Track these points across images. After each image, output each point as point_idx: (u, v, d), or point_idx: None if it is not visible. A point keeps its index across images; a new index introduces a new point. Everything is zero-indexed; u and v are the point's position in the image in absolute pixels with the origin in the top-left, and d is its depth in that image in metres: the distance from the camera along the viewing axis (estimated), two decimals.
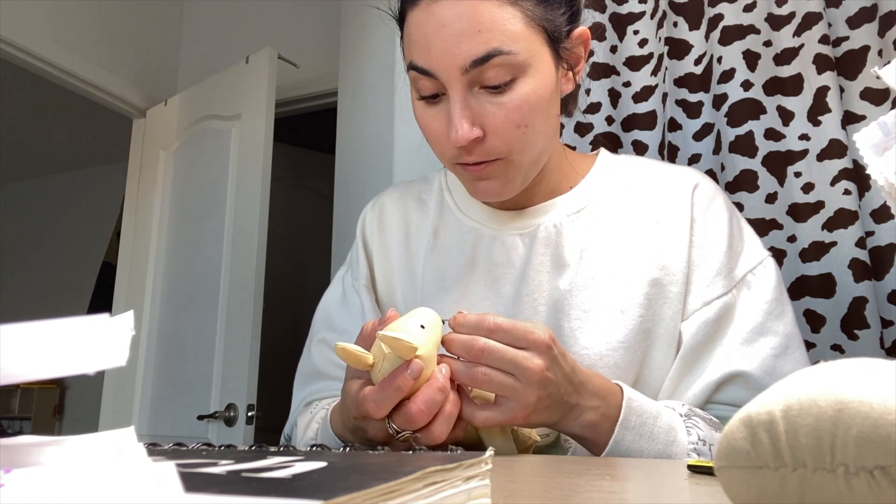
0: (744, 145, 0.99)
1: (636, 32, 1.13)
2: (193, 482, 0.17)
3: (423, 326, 0.47)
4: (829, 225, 0.93)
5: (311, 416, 0.68)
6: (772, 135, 0.99)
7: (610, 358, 0.61)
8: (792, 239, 0.96)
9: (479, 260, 0.70)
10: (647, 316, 0.63)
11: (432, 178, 0.81)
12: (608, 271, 0.65)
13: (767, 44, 1.02)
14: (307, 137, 3.20)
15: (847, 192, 0.92)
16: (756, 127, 0.99)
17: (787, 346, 0.62)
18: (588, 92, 1.12)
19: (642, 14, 1.13)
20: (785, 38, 1.00)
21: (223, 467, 0.22)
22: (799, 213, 0.96)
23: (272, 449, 0.35)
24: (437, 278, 0.71)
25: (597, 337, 0.62)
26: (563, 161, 0.72)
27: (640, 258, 0.65)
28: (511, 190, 0.65)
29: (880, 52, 0.95)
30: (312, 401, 0.72)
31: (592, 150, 0.85)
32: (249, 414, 1.97)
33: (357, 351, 0.46)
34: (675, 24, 1.09)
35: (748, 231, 0.68)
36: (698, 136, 1.06)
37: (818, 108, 0.96)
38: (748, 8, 1.03)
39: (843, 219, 0.92)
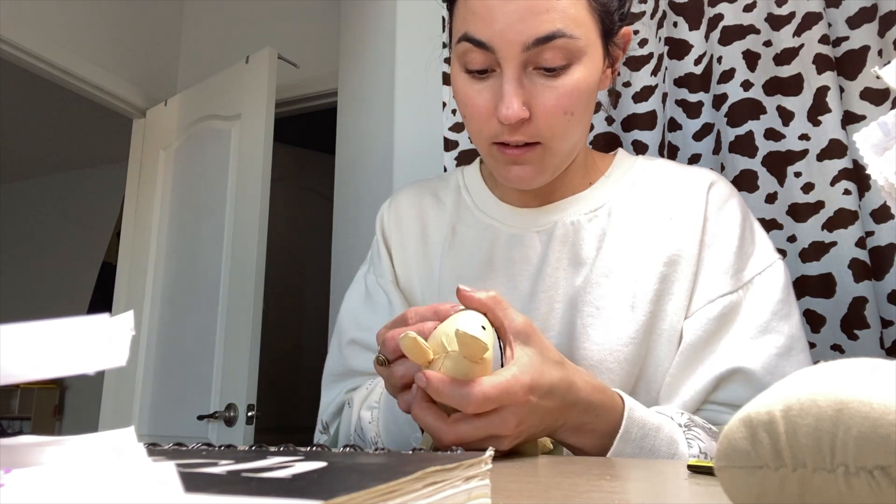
0: (744, 145, 0.99)
1: (636, 32, 1.13)
2: (193, 482, 0.17)
3: (483, 328, 0.46)
4: (829, 225, 0.93)
5: (369, 390, 0.67)
6: (772, 135, 0.99)
7: (620, 353, 0.61)
8: (792, 239, 0.96)
9: (497, 257, 0.70)
10: (654, 312, 0.63)
11: (449, 176, 0.81)
12: (622, 268, 0.65)
13: (767, 44, 1.02)
14: (307, 137, 3.20)
15: (847, 192, 0.92)
16: (756, 127, 0.99)
17: (791, 347, 0.62)
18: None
19: (642, 14, 1.13)
20: (785, 38, 1.00)
21: (223, 467, 0.22)
22: (799, 213, 0.96)
23: (272, 449, 0.35)
24: (456, 275, 0.71)
25: (607, 333, 0.62)
26: (587, 158, 0.73)
27: (652, 254, 0.65)
28: (543, 179, 0.65)
29: (880, 52, 0.95)
30: (357, 387, 0.71)
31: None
32: (249, 414, 1.97)
33: (423, 345, 0.45)
34: (675, 24, 1.09)
35: (760, 234, 0.68)
36: (698, 136, 1.06)
37: (818, 108, 0.96)
38: (748, 8, 1.03)
39: (843, 219, 0.92)
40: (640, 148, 1.09)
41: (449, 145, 1.20)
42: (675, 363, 0.63)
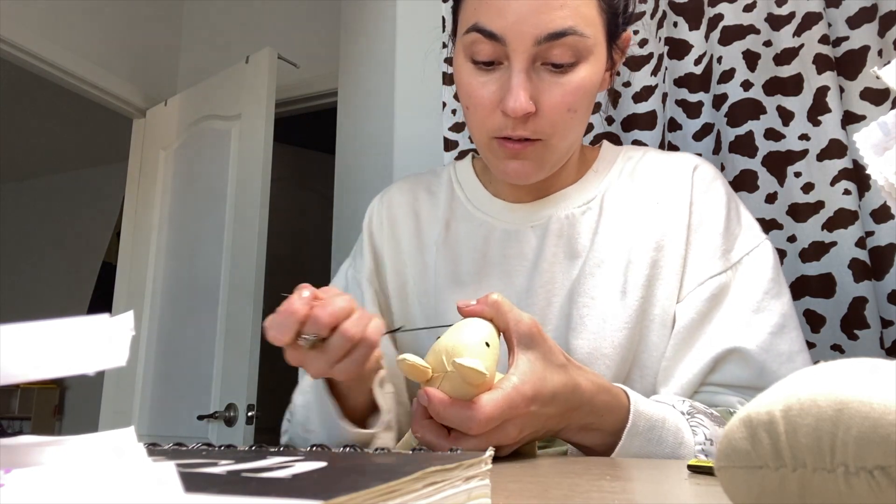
0: (744, 145, 0.99)
1: (636, 32, 1.13)
2: (193, 482, 0.17)
3: (488, 345, 0.46)
4: (829, 225, 0.93)
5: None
6: (772, 135, 0.99)
7: (614, 339, 0.62)
8: (792, 239, 0.96)
9: (492, 253, 0.70)
10: (646, 297, 0.64)
11: (440, 170, 0.81)
12: (613, 257, 0.66)
13: (767, 44, 1.02)
14: (307, 137, 3.20)
15: (847, 192, 0.92)
16: (756, 127, 0.99)
17: (784, 325, 0.62)
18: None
19: (642, 14, 1.13)
20: (785, 38, 1.00)
21: (223, 467, 0.22)
22: (799, 213, 0.96)
23: (272, 449, 0.35)
24: (451, 271, 0.71)
25: (602, 322, 0.63)
26: (580, 154, 0.74)
27: (642, 241, 0.66)
28: (540, 175, 0.66)
29: (880, 52, 0.95)
30: None
31: None
32: (249, 414, 1.97)
33: (421, 365, 0.45)
34: (675, 24, 1.09)
35: (746, 215, 0.69)
36: (698, 136, 1.06)
37: (818, 108, 0.96)
38: (748, 8, 1.03)
39: (843, 219, 0.92)
40: None
41: (449, 145, 1.20)
42: (669, 347, 0.63)
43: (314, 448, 0.38)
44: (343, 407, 0.58)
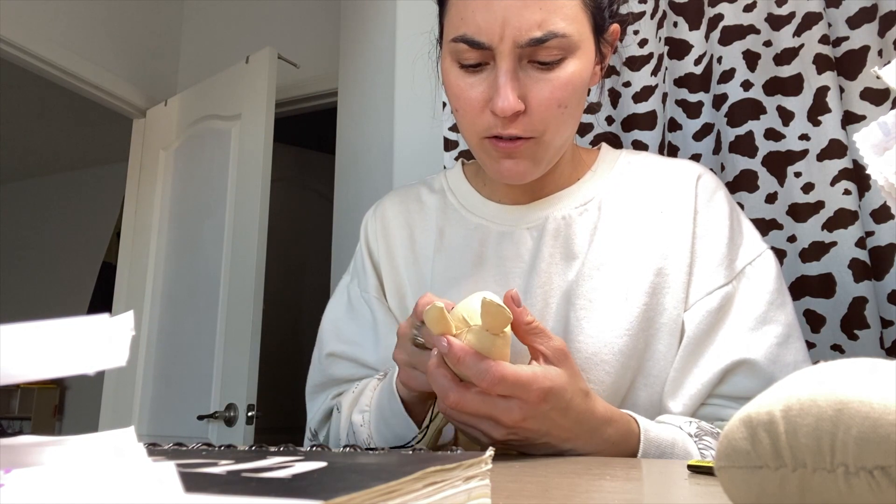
0: (744, 145, 0.99)
1: (636, 32, 1.13)
2: (193, 482, 0.17)
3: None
4: (829, 225, 0.93)
5: (356, 394, 0.67)
6: (772, 135, 0.99)
7: (614, 345, 0.62)
8: (792, 239, 0.96)
9: (488, 256, 0.70)
10: (650, 304, 0.63)
11: (432, 180, 0.81)
12: (614, 261, 0.65)
13: (767, 44, 1.02)
14: (307, 137, 3.20)
15: (847, 192, 0.92)
16: (756, 127, 0.99)
17: (789, 335, 0.63)
18: (588, 92, 1.12)
19: (642, 14, 1.13)
20: (785, 38, 1.00)
21: (223, 467, 0.22)
22: (799, 213, 0.96)
23: (272, 449, 0.35)
24: (447, 277, 0.71)
25: (601, 325, 0.62)
26: (574, 153, 0.73)
27: (645, 248, 0.66)
28: (535, 173, 0.66)
29: (880, 52, 0.95)
30: (342, 392, 0.72)
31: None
32: (249, 414, 1.97)
33: (448, 318, 0.47)
34: (675, 24, 1.09)
35: (747, 224, 0.69)
36: (698, 136, 1.06)
37: (818, 108, 0.96)
38: (748, 8, 1.03)
39: (843, 219, 0.92)
40: (640, 148, 1.09)
41: (449, 145, 1.20)
42: (678, 357, 0.63)
43: (314, 448, 0.38)
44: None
